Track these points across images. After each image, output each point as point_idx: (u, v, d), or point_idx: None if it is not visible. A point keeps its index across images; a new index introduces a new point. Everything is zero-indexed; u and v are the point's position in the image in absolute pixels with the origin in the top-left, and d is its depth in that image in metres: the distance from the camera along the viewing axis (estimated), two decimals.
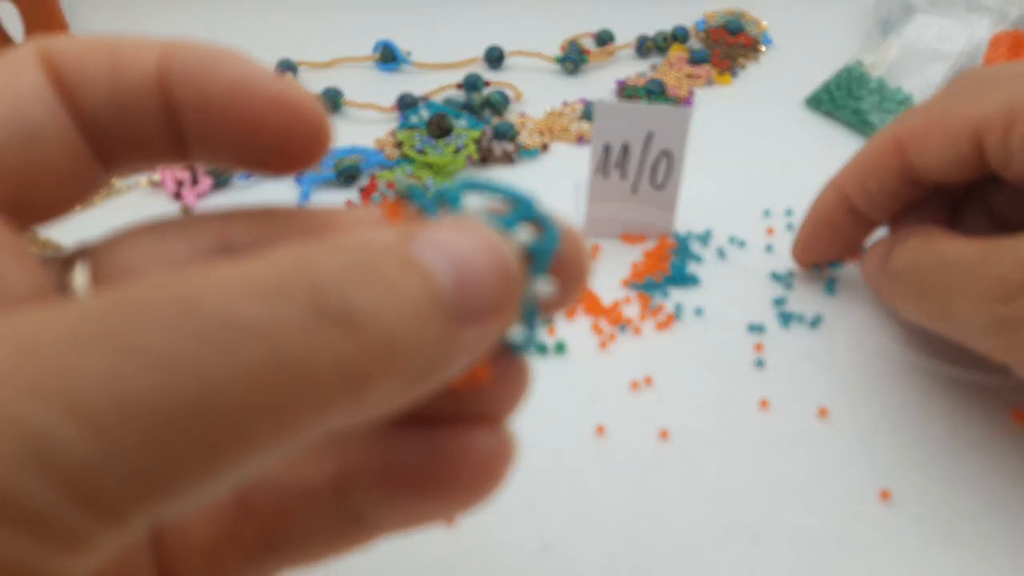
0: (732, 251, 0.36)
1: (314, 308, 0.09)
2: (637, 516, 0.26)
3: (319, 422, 0.10)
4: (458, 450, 0.13)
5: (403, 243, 0.11)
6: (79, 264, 0.14)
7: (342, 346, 0.09)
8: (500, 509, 0.26)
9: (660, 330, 0.33)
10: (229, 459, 0.09)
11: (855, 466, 0.28)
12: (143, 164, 0.14)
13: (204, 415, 0.08)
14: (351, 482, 0.14)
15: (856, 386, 0.31)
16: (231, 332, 0.09)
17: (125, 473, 0.08)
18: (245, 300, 0.09)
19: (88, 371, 0.08)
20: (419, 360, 0.10)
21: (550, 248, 0.12)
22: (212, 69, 0.13)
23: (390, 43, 0.48)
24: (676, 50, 0.49)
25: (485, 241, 0.11)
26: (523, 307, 0.12)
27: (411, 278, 0.10)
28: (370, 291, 0.10)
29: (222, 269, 0.10)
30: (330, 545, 0.14)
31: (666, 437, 0.29)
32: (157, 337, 0.08)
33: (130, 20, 0.52)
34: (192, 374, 0.08)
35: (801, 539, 0.26)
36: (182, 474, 0.09)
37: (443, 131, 0.41)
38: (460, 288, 0.11)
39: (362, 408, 0.10)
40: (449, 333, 0.11)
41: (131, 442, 0.08)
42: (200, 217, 0.14)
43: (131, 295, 0.09)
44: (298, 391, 0.09)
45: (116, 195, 0.40)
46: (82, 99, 0.13)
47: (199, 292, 0.09)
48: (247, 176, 0.40)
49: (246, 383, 0.09)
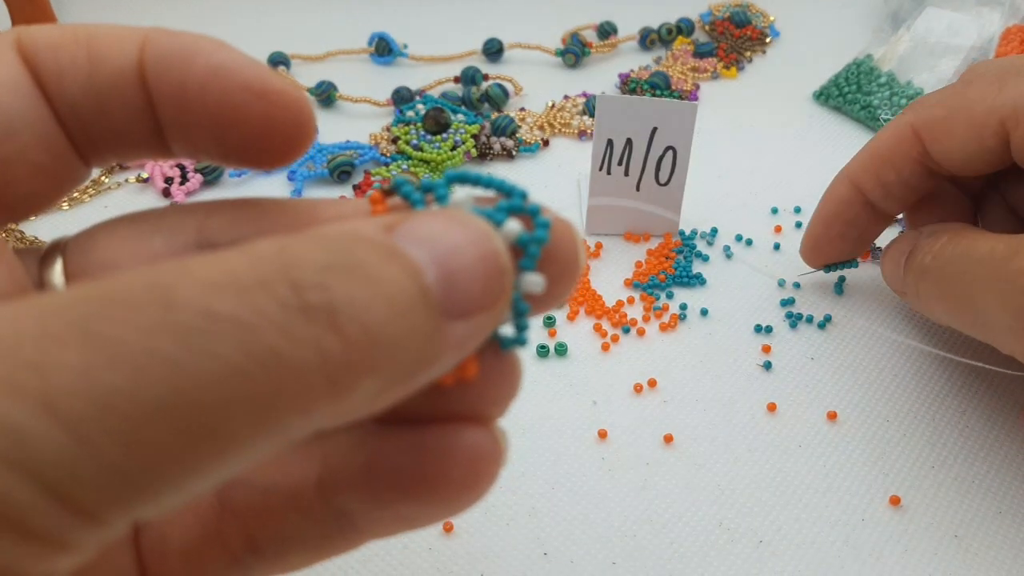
0: (739, 250, 0.35)
1: (294, 302, 0.09)
2: (640, 522, 0.26)
3: (301, 420, 0.09)
4: (446, 448, 0.13)
5: (387, 234, 0.10)
6: (55, 258, 0.13)
7: (324, 342, 0.09)
8: (500, 515, 0.26)
9: (664, 331, 0.32)
10: (208, 457, 0.09)
11: (864, 471, 0.27)
12: (124, 157, 0.14)
13: (181, 412, 0.08)
14: (336, 483, 0.13)
15: (866, 389, 0.30)
16: (208, 325, 0.08)
17: (101, 472, 0.08)
18: (223, 293, 0.09)
19: (61, 366, 0.08)
20: (405, 357, 0.10)
21: (540, 240, 0.12)
22: (190, 58, 0.12)
23: (385, 35, 0.47)
24: (681, 43, 0.48)
25: (473, 233, 0.11)
26: (512, 302, 0.12)
27: (395, 271, 0.10)
28: (353, 285, 0.09)
29: (199, 261, 0.09)
30: (315, 548, 0.14)
31: (670, 441, 0.28)
32: (132, 331, 0.08)
33: (120, 15, 0.51)
34: (168, 369, 0.08)
35: (808, 545, 0.25)
36: (160, 473, 0.08)
37: (440, 126, 0.40)
38: (447, 282, 0.10)
39: (346, 406, 0.10)
40: (436, 329, 0.10)
41: (106, 439, 0.08)
42: (179, 209, 0.14)
43: (105, 288, 0.09)
44: (279, 388, 0.09)
45: (104, 192, 0.39)
46: (59, 89, 0.12)
47: (175, 284, 0.09)
48: (238, 173, 0.40)
49: (224, 379, 0.08)
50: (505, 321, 0.12)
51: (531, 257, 0.12)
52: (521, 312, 0.12)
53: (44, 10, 0.44)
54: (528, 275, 0.12)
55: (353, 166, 0.39)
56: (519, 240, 0.12)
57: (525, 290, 0.12)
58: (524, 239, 0.12)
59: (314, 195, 0.39)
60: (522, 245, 0.12)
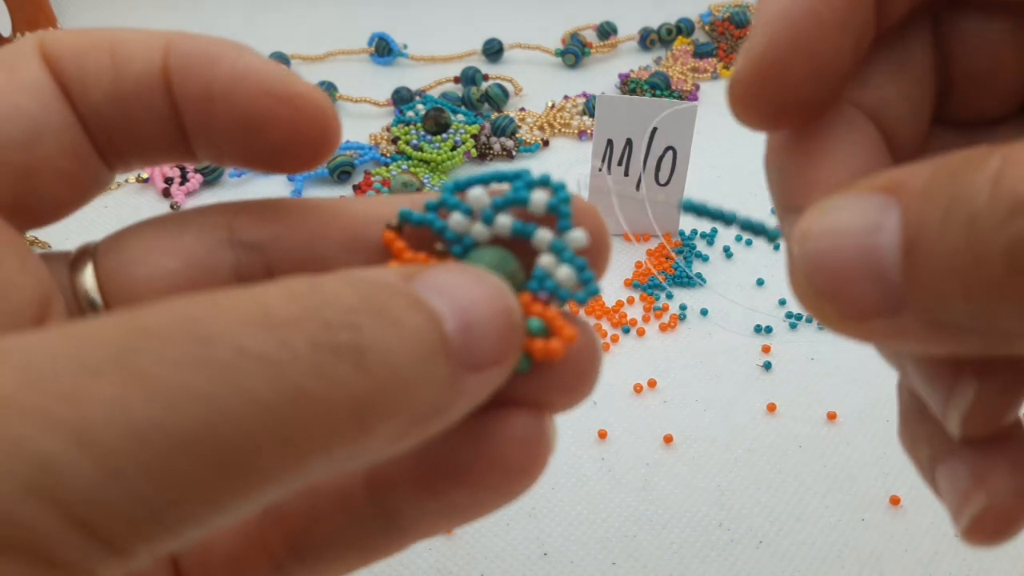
0: (739, 250, 0.36)
1: (324, 341, 0.09)
2: (640, 522, 0.26)
3: (323, 460, 0.09)
4: (499, 433, 0.13)
5: (407, 282, 0.11)
6: (86, 263, 0.13)
7: (351, 380, 0.09)
8: (500, 515, 0.26)
9: (664, 332, 0.32)
10: (233, 493, 0.09)
11: (864, 471, 0.27)
12: (148, 162, 0.14)
13: (210, 447, 0.08)
14: (387, 477, 0.13)
15: (865, 389, 0.30)
16: (241, 362, 0.09)
17: (130, 505, 0.08)
18: (257, 330, 0.09)
19: (96, 398, 0.08)
20: (423, 402, 0.10)
21: (566, 199, 0.13)
22: (214, 63, 0.12)
23: (385, 35, 0.47)
24: (680, 43, 0.48)
25: (490, 288, 0.11)
26: (569, 261, 0.12)
27: (420, 318, 0.10)
28: (381, 327, 0.10)
29: (233, 295, 0.09)
30: (359, 551, 0.14)
31: (670, 442, 0.28)
32: (167, 365, 0.08)
33: (120, 15, 0.51)
34: (201, 404, 0.08)
35: (808, 546, 0.25)
36: (188, 507, 0.08)
37: (440, 126, 0.40)
38: (464, 333, 0.11)
39: (368, 446, 0.10)
40: (453, 378, 0.11)
41: (137, 473, 0.08)
42: (205, 211, 0.14)
43: (141, 319, 0.09)
44: (306, 424, 0.09)
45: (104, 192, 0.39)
46: (84, 95, 0.12)
47: (209, 319, 0.09)
48: (238, 173, 0.40)
49: (255, 415, 0.09)
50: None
51: (565, 216, 0.13)
52: (581, 267, 0.12)
53: (44, 10, 0.44)
54: (571, 233, 0.13)
55: (353, 166, 0.39)
56: (548, 206, 0.13)
57: (573, 246, 0.13)
58: (553, 203, 0.13)
59: (314, 195, 0.39)
60: (552, 210, 0.13)
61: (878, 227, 0.10)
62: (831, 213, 0.11)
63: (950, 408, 0.13)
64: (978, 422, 0.12)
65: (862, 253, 0.10)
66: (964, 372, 0.12)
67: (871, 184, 0.11)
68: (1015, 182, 0.09)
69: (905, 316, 0.10)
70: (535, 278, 0.13)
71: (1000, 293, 0.09)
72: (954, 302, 0.10)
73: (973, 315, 0.10)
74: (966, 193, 0.09)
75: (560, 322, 0.12)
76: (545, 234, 0.13)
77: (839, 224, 0.11)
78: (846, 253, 0.10)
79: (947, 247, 0.09)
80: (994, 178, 0.09)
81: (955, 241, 0.09)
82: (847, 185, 0.11)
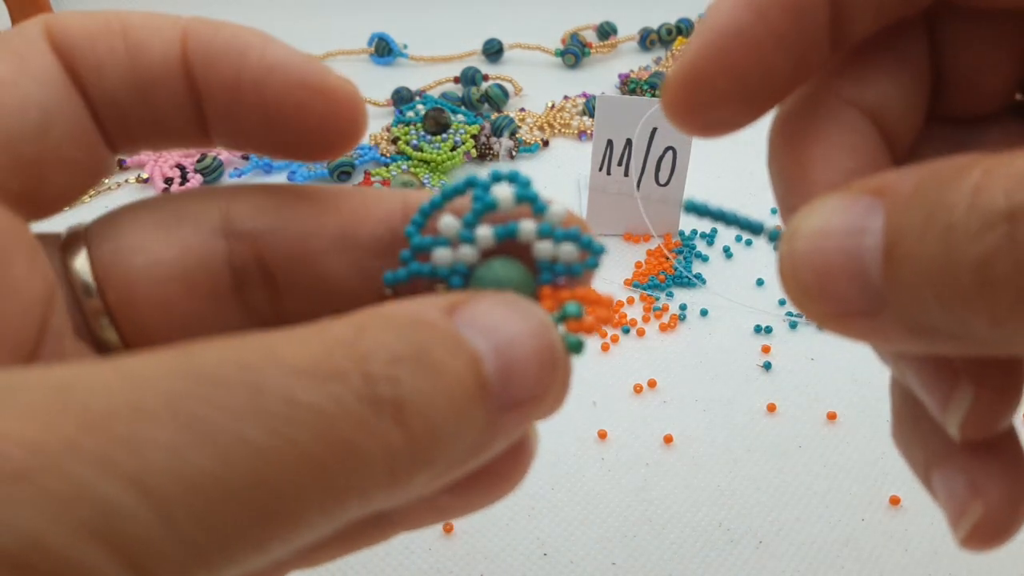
0: (738, 250, 0.36)
1: (367, 394, 0.10)
2: (639, 522, 0.26)
3: (360, 506, 0.10)
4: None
5: (450, 318, 0.11)
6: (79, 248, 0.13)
7: (391, 435, 0.10)
8: (500, 515, 0.26)
9: (664, 332, 0.32)
10: (274, 539, 0.09)
11: (864, 471, 0.27)
12: (159, 146, 0.14)
13: (259, 495, 0.09)
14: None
15: (865, 389, 0.30)
16: (292, 413, 0.09)
17: (182, 550, 0.08)
18: (305, 382, 0.09)
19: (153, 445, 0.08)
20: (460, 449, 0.11)
21: (527, 182, 0.13)
22: (242, 53, 0.12)
23: (385, 35, 0.47)
24: (681, 43, 0.48)
25: (533, 325, 0.11)
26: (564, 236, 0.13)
27: (459, 364, 0.10)
28: (419, 377, 0.10)
29: (284, 342, 0.10)
30: (347, 539, 0.14)
31: (670, 442, 0.28)
32: (221, 413, 0.09)
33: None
34: (252, 454, 0.09)
35: (807, 546, 0.25)
36: (232, 550, 0.09)
37: (440, 127, 0.40)
38: (504, 373, 0.11)
39: (402, 494, 0.10)
40: (491, 421, 0.11)
41: (190, 519, 0.08)
42: (200, 195, 0.14)
43: (196, 363, 0.09)
44: (347, 474, 0.09)
45: (104, 192, 0.39)
46: (98, 82, 0.12)
47: (262, 368, 0.09)
48: (238, 173, 0.40)
49: (302, 465, 0.09)
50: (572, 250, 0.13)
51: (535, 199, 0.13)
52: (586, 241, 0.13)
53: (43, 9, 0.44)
54: (550, 211, 0.13)
55: (353, 166, 0.39)
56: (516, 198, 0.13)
57: (557, 221, 0.13)
58: (520, 193, 0.13)
59: None
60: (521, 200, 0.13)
61: (862, 229, 0.10)
62: (819, 213, 0.11)
63: (949, 412, 0.13)
64: (976, 426, 0.13)
65: (846, 254, 0.10)
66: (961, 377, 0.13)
67: (861, 186, 0.11)
68: (992, 196, 0.09)
69: (885, 317, 0.11)
70: (542, 269, 0.13)
71: (971, 302, 0.09)
72: (929, 307, 0.10)
73: (947, 320, 0.10)
74: (947, 202, 0.10)
75: (593, 295, 0.12)
76: (528, 224, 0.12)
77: (826, 224, 0.11)
78: (831, 253, 0.11)
79: (925, 254, 0.10)
80: (973, 190, 0.09)
81: (932, 249, 0.10)
82: (841, 186, 0.11)
